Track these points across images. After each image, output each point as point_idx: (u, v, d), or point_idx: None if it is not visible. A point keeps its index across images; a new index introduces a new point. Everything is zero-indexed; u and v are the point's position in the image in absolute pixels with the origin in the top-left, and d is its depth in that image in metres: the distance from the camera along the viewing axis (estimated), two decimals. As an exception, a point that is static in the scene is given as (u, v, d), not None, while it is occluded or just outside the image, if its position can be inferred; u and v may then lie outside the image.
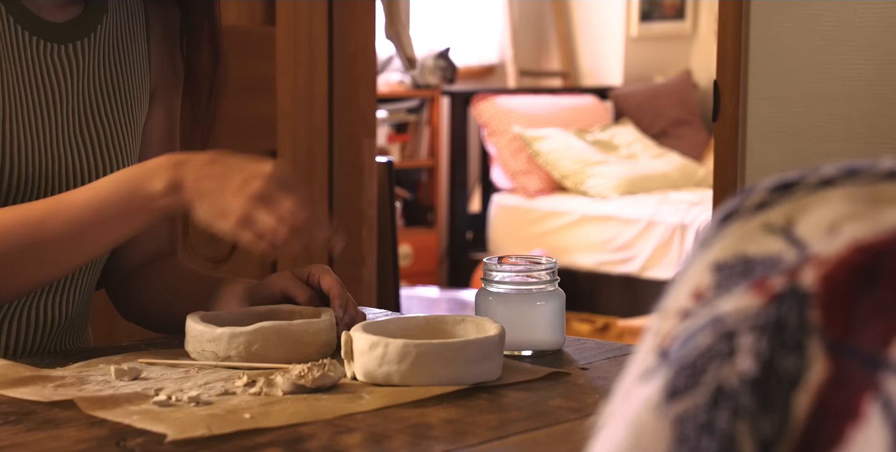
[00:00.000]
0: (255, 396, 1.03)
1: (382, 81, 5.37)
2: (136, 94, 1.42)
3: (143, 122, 1.45)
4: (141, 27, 1.44)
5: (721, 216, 0.50)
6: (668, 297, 0.50)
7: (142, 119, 1.44)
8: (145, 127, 1.45)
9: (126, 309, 1.47)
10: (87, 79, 1.37)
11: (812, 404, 0.44)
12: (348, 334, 1.10)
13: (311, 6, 2.39)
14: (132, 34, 1.43)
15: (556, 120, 5.60)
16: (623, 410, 0.48)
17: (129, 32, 1.43)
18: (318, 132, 2.42)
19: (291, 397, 1.03)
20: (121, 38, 1.42)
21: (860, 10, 1.76)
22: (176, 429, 0.92)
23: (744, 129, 1.88)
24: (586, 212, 5.23)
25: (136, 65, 1.43)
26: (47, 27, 1.34)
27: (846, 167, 0.48)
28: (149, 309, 1.43)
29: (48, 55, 1.34)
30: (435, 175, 5.62)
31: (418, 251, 5.47)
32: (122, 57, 1.41)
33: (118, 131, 1.39)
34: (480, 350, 1.08)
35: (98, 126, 1.37)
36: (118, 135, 1.39)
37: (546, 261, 1.25)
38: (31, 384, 1.07)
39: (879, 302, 0.44)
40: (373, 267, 2.46)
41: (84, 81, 1.37)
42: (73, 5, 1.38)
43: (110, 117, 1.39)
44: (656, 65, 6.15)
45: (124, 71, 1.41)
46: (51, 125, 1.33)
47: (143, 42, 1.45)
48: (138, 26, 1.44)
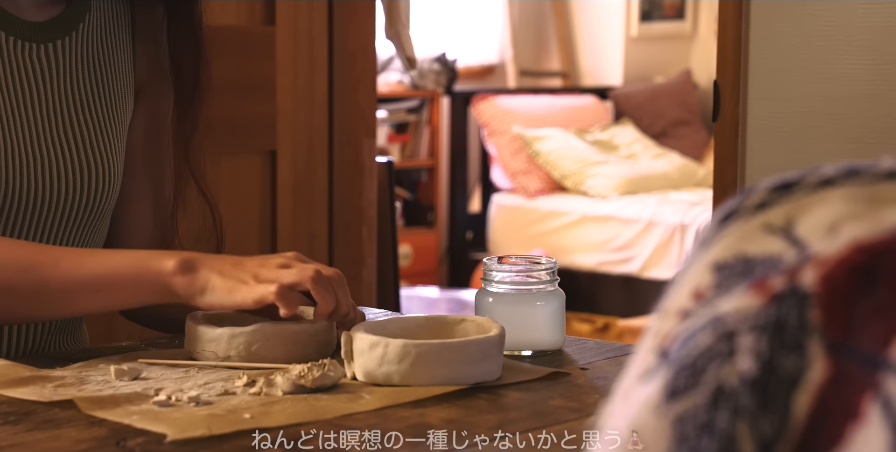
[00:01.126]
0: (255, 396, 1.03)
1: (382, 81, 5.37)
2: (121, 94, 1.41)
3: (129, 122, 1.44)
4: (125, 25, 1.43)
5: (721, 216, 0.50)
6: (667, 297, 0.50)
7: (127, 118, 1.42)
8: (130, 127, 1.44)
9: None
10: (69, 78, 1.36)
11: (812, 404, 0.44)
12: (348, 334, 1.10)
13: (311, 6, 2.39)
14: (116, 32, 1.42)
15: (556, 120, 5.60)
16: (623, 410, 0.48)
17: (114, 31, 1.41)
18: (318, 132, 2.42)
19: (291, 397, 1.03)
20: (104, 37, 1.40)
21: (860, 10, 1.76)
22: (176, 429, 0.92)
23: (744, 129, 1.88)
24: (586, 212, 5.23)
25: (121, 63, 1.42)
26: (25, 27, 1.33)
27: (846, 167, 0.48)
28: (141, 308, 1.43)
29: (27, 55, 1.32)
30: (435, 175, 5.62)
31: (418, 251, 5.47)
32: (105, 55, 1.40)
33: (103, 131, 1.38)
34: (480, 350, 1.08)
35: (82, 125, 1.36)
36: (103, 135, 1.37)
37: (546, 261, 1.25)
38: (30, 384, 1.07)
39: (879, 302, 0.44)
40: (373, 267, 2.46)
41: (66, 81, 1.35)
42: (54, 4, 1.37)
43: (95, 117, 1.37)
44: (656, 65, 6.15)
45: (108, 70, 1.40)
46: (34, 125, 1.32)
47: (128, 40, 1.43)
48: (123, 24, 1.43)
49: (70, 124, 1.35)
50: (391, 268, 2.39)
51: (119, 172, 1.39)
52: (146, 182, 1.44)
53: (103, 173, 1.35)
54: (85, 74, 1.37)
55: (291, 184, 2.37)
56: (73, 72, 1.36)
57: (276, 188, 2.35)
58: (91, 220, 1.36)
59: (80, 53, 1.37)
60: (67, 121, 1.35)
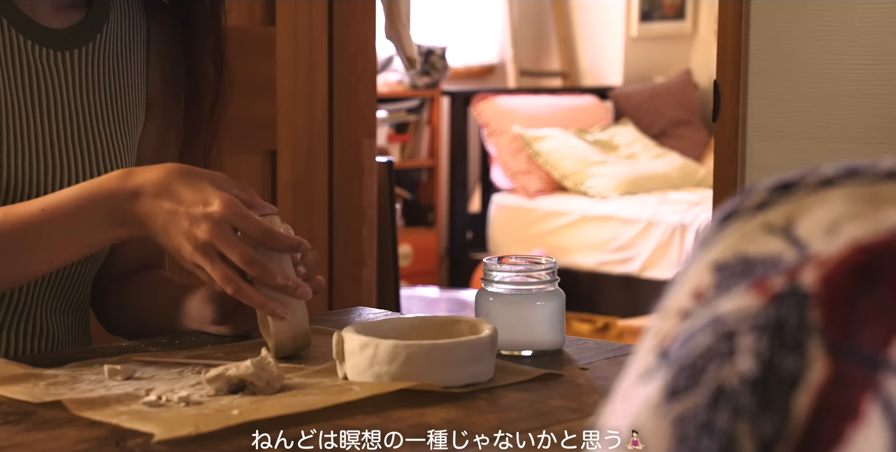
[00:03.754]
0: (246, 396, 1.03)
1: (382, 81, 5.36)
2: (133, 107, 1.40)
3: (139, 135, 1.43)
4: (141, 38, 1.42)
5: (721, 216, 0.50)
6: (668, 297, 0.50)
7: (137, 132, 1.41)
8: (141, 140, 1.42)
9: (104, 320, 1.46)
10: (84, 88, 1.35)
11: (812, 404, 0.44)
12: (340, 334, 1.10)
13: (311, 6, 2.39)
14: (132, 45, 1.41)
15: (556, 120, 5.60)
16: (623, 410, 0.48)
17: (129, 43, 1.40)
18: (318, 132, 2.42)
19: (281, 394, 1.03)
20: (121, 49, 1.39)
21: (860, 10, 1.76)
22: (164, 429, 0.92)
23: (744, 129, 1.88)
24: (586, 212, 5.23)
25: (135, 77, 1.40)
26: (44, 33, 1.32)
27: (846, 167, 0.48)
28: (125, 318, 1.42)
29: (44, 60, 1.32)
30: (435, 175, 5.62)
31: (418, 251, 5.47)
32: (120, 68, 1.38)
33: (113, 142, 1.36)
34: (471, 351, 1.08)
35: (93, 136, 1.35)
36: (113, 147, 1.36)
37: (546, 261, 1.25)
38: (23, 382, 1.07)
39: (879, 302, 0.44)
40: (373, 267, 2.45)
41: (81, 90, 1.34)
42: (72, 12, 1.36)
43: (105, 128, 1.36)
44: (656, 65, 6.15)
45: (122, 82, 1.39)
46: (44, 132, 1.31)
47: (143, 54, 1.42)
48: (139, 37, 1.42)
49: (81, 134, 1.34)
50: (391, 268, 2.39)
51: None
52: None
53: None
54: (99, 85, 1.36)
55: (291, 184, 2.37)
56: (88, 82, 1.35)
57: (276, 188, 2.35)
58: None
59: (96, 64, 1.36)
60: (78, 130, 1.34)
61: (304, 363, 1.16)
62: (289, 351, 1.18)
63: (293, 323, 1.17)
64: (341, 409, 1.00)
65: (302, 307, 1.18)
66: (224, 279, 1.13)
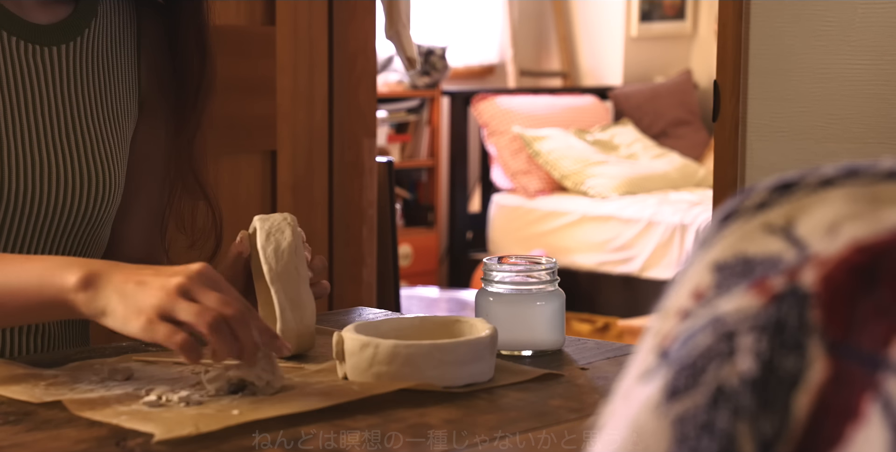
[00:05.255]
0: (246, 396, 1.03)
1: (382, 81, 5.36)
2: (125, 102, 1.39)
3: (132, 131, 1.42)
4: (131, 33, 1.41)
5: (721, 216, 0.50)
6: (668, 297, 0.50)
7: (130, 127, 1.41)
8: (134, 138, 1.42)
9: None
10: (72, 83, 1.34)
11: (812, 404, 0.44)
12: (340, 335, 1.10)
13: (311, 6, 2.39)
14: (122, 40, 1.40)
15: (556, 120, 5.60)
16: (623, 410, 0.48)
17: (119, 38, 1.40)
18: (318, 132, 2.42)
19: (281, 394, 1.03)
20: (110, 44, 1.39)
21: (860, 10, 1.76)
22: (164, 429, 0.92)
23: (744, 129, 1.88)
24: (586, 212, 5.23)
25: (126, 71, 1.40)
26: (29, 28, 1.31)
27: (846, 167, 0.48)
28: None
29: (30, 57, 1.31)
30: (435, 175, 5.62)
31: (418, 251, 5.47)
32: (110, 63, 1.38)
33: (106, 138, 1.36)
34: (470, 351, 1.08)
35: (84, 132, 1.34)
36: (106, 142, 1.36)
37: (546, 261, 1.25)
38: (22, 382, 1.07)
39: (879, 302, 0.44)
40: (373, 267, 2.45)
41: (70, 86, 1.34)
42: (59, 7, 1.35)
43: (96, 123, 1.36)
44: (656, 65, 6.15)
45: (113, 77, 1.38)
46: (35, 129, 1.30)
47: (133, 49, 1.42)
48: (129, 32, 1.41)
49: (72, 130, 1.33)
50: (391, 268, 2.39)
51: (121, 181, 1.37)
52: (139, 195, 1.43)
53: (104, 181, 1.34)
54: (89, 80, 1.36)
55: (291, 184, 2.37)
56: (77, 77, 1.35)
57: (276, 188, 2.35)
58: (91, 229, 1.35)
59: (85, 59, 1.36)
60: (69, 126, 1.33)
61: (304, 363, 1.16)
62: (292, 351, 1.18)
63: (300, 324, 1.17)
64: (341, 409, 1.00)
65: (311, 307, 1.18)
66: (196, 315, 1.01)
